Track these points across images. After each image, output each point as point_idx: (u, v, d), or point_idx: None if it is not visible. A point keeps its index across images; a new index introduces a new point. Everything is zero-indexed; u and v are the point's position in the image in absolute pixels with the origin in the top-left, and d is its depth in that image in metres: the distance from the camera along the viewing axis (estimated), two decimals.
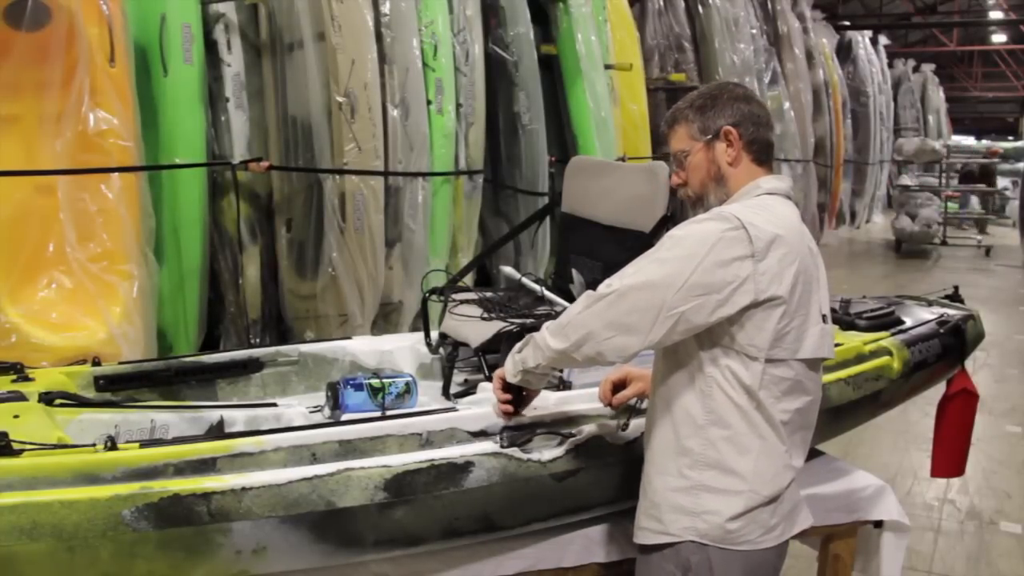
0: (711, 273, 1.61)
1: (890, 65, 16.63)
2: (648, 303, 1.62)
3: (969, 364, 3.02)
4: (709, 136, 1.77)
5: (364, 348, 2.64)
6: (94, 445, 1.66)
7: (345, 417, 2.11)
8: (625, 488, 1.92)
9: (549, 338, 1.73)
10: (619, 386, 2.00)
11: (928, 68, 17.90)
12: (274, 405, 2.32)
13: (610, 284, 1.67)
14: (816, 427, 1.82)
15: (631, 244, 2.49)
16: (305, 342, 2.84)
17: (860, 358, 2.51)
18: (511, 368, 1.84)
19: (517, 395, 1.90)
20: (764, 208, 1.70)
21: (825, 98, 11.46)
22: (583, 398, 2.08)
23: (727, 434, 1.68)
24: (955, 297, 3.22)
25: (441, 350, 2.59)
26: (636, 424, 1.99)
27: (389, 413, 2.08)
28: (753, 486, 1.69)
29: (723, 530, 1.69)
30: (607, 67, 6.10)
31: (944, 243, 12.80)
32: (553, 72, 5.87)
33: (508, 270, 2.92)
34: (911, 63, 17.65)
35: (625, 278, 1.66)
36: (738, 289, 1.61)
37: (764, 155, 1.80)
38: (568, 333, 1.70)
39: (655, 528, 1.75)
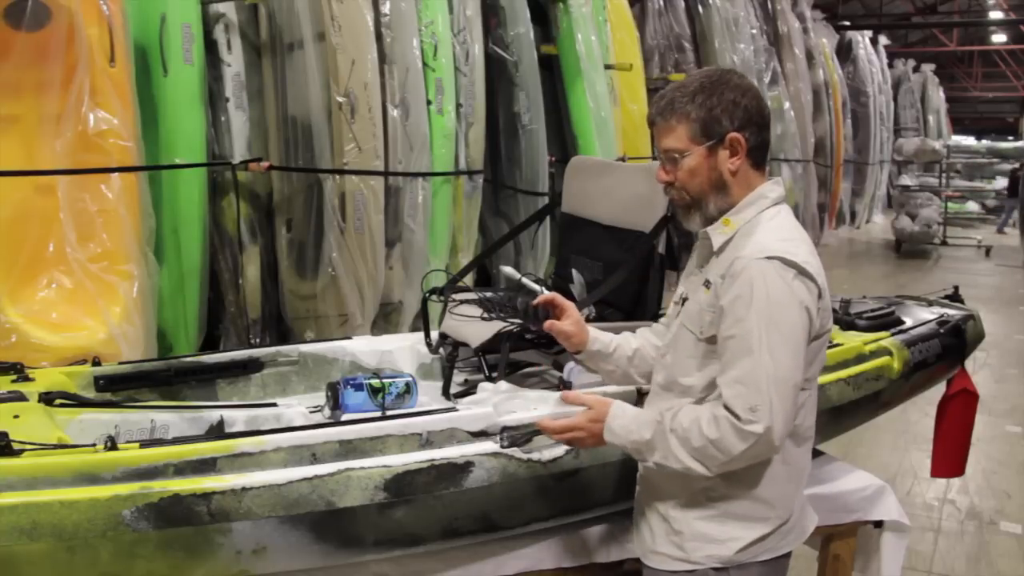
0: (804, 330, 1.58)
1: (890, 65, 16.63)
2: (788, 396, 1.56)
3: (969, 364, 3.02)
4: (712, 141, 1.65)
5: (364, 348, 2.64)
6: (94, 445, 1.66)
7: (345, 417, 2.10)
8: (625, 488, 1.92)
9: (690, 461, 1.60)
10: None
11: (928, 68, 17.90)
12: (274, 405, 2.32)
13: (755, 410, 1.53)
14: (816, 427, 1.82)
15: (631, 244, 2.50)
16: (305, 342, 2.84)
17: (860, 358, 2.51)
18: (620, 438, 1.69)
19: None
20: (792, 233, 1.65)
21: (825, 98, 11.46)
22: None
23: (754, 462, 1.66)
24: (955, 297, 3.22)
25: (441, 350, 2.59)
26: None
27: (389, 413, 2.08)
28: (779, 512, 1.70)
29: (746, 552, 1.69)
30: (607, 67, 6.10)
31: (944, 243, 12.79)
32: (553, 72, 5.86)
33: (508, 270, 2.91)
34: (911, 63, 17.65)
35: (765, 395, 1.52)
36: (810, 328, 1.60)
37: (762, 158, 1.71)
38: (714, 466, 1.60)
39: (676, 555, 1.73)
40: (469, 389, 2.41)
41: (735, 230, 1.67)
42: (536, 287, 2.70)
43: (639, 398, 2.01)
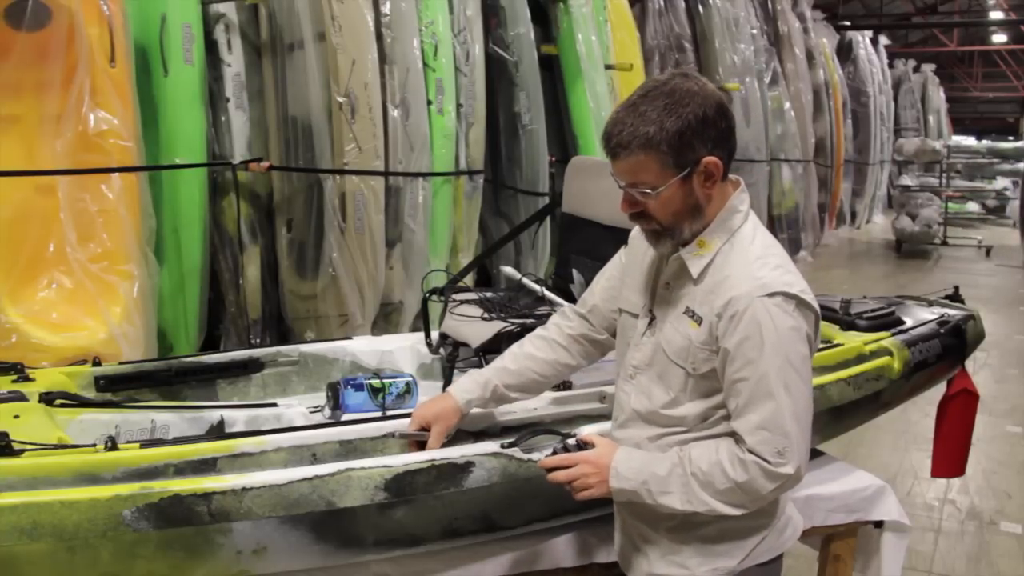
0: (810, 357, 1.58)
1: (890, 65, 16.63)
2: (808, 427, 1.57)
3: (969, 364, 3.02)
4: (687, 169, 1.53)
5: (364, 348, 2.64)
6: (94, 445, 1.66)
7: (345, 417, 2.11)
8: None
9: (715, 503, 1.58)
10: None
11: (928, 68, 17.90)
12: (274, 405, 2.32)
13: (783, 453, 1.52)
14: (816, 427, 1.82)
15: None
16: (305, 342, 2.84)
17: (860, 358, 2.51)
18: (630, 482, 1.63)
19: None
20: (779, 256, 1.60)
21: (825, 98, 11.46)
22: (583, 398, 2.08)
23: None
24: (955, 297, 3.22)
25: (441, 350, 2.59)
26: None
27: (389, 413, 2.08)
28: (779, 515, 1.72)
29: (749, 558, 1.69)
30: (607, 67, 6.10)
31: (944, 243, 12.79)
32: (553, 72, 5.87)
33: (508, 270, 2.92)
34: (911, 63, 17.65)
35: (791, 437, 1.52)
36: (810, 353, 1.60)
37: (730, 167, 1.61)
38: (743, 505, 1.59)
39: (679, 574, 1.71)
40: None
41: (713, 252, 1.60)
42: (536, 287, 2.70)
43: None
